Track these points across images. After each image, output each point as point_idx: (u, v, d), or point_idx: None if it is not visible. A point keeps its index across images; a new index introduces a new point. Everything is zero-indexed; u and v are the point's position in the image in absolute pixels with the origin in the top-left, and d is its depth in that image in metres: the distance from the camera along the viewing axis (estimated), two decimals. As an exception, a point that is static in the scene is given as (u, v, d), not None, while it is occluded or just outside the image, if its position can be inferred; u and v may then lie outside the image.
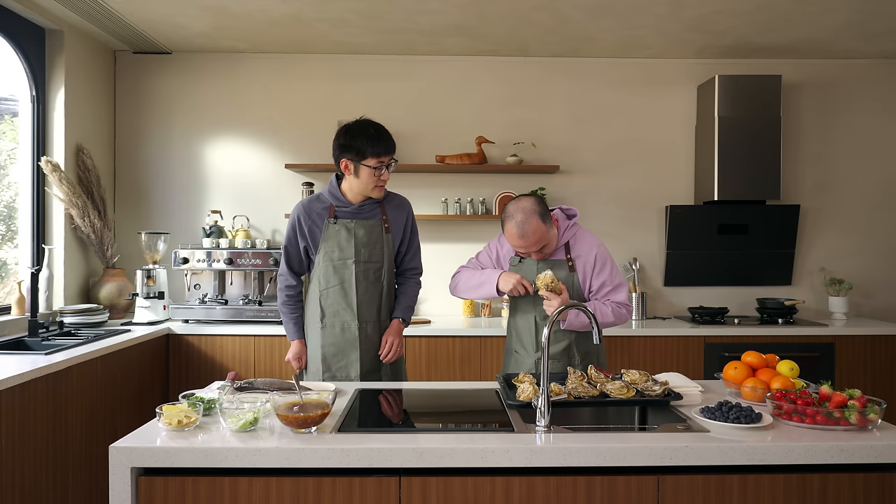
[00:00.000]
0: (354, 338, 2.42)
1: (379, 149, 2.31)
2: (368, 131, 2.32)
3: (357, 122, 2.37)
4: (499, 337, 3.62)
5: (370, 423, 1.89)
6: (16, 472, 2.37)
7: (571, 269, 2.37)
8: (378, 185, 2.37)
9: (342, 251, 2.41)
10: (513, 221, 2.27)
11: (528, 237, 2.26)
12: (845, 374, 3.69)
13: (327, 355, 2.43)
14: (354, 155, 2.32)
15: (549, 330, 1.75)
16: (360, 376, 2.43)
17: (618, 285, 2.37)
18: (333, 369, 2.42)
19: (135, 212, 4.19)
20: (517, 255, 2.45)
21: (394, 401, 2.12)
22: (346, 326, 2.42)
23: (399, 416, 2.06)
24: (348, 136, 2.34)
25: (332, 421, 1.74)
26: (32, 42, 3.54)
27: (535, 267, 2.40)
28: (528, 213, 2.26)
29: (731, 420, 1.69)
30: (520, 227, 2.26)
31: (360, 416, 1.87)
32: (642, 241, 4.28)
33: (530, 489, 1.57)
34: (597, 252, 2.37)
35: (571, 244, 2.40)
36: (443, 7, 3.39)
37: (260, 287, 3.88)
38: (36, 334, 3.05)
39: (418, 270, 2.61)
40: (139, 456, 1.54)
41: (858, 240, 4.31)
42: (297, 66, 4.21)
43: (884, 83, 4.30)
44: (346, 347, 2.43)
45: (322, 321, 2.43)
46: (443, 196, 4.18)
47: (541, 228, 2.27)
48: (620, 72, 4.26)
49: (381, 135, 2.34)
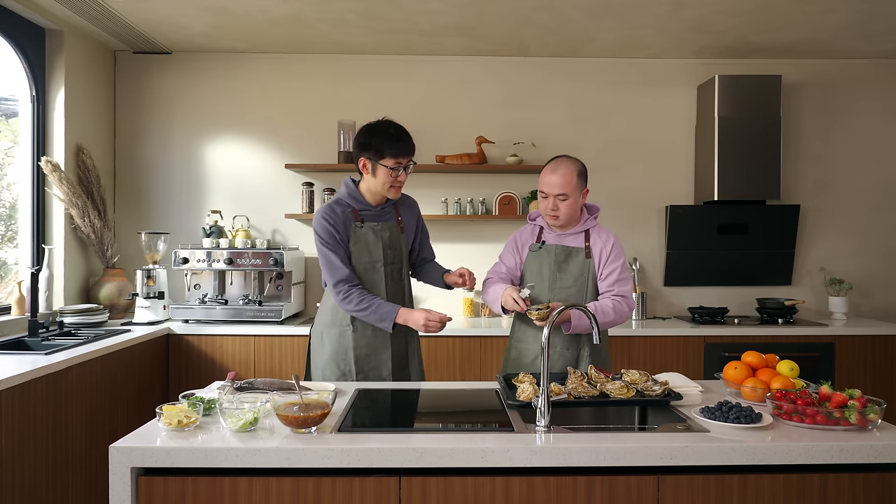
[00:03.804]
0: (386, 337, 2.41)
1: (397, 149, 2.30)
2: (388, 131, 2.32)
3: (378, 122, 2.37)
4: (499, 337, 3.62)
5: (370, 423, 1.89)
6: (16, 472, 2.37)
7: (588, 255, 2.41)
8: (395, 185, 2.35)
9: (371, 254, 2.39)
10: (553, 160, 2.40)
11: (557, 173, 2.34)
12: (845, 374, 3.69)
13: (360, 357, 2.40)
14: (373, 154, 2.30)
15: (549, 330, 1.75)
16: (392, 374, 2.43)
17: (625, 279, 2.40)
18: (366, 370, 2.40)
19: (135, 212, 4.19)
20: (538, 241, 2.48)
21: (394, 401, 2.12)
22: (377, 328, 2.40)
23: (399, 416, 2.06)
24: (368, 135, 2.33)
25: (332, 421, 1.74)
26: (32, 42, 3.54)
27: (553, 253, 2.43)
28: (570, 160, 2.39)
29: (731, 420, 1.69)
30: (556, 163, 2.38)
31: (360, 416, 1.87)
32: (642, 241, 4.29)
33: (530, 489, 1.57)
34: (613, 243, 2.43)
35: (590, 233, 2.45)
36: (443, 7, 3.39)
37: (260, 287, 3.88)
38: (36, 334, 3.05)
39: (433, 256, 2.69)
40: (139, 456, 1.54)
41: (858, 240, 4.31)
42: (297, 66, 4.21)
43: (884, 83, 4.30)
44: (379, 348, 2.41)
45: (353, 324, 2.40)
46: (443, 196, 4.18)
47: (572, 177, 2.34)
48: (620, 72, 4.26)
49: (401, 136, 2.33)
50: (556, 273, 2.42)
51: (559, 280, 2.41)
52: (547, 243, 2.47)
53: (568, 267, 2.41)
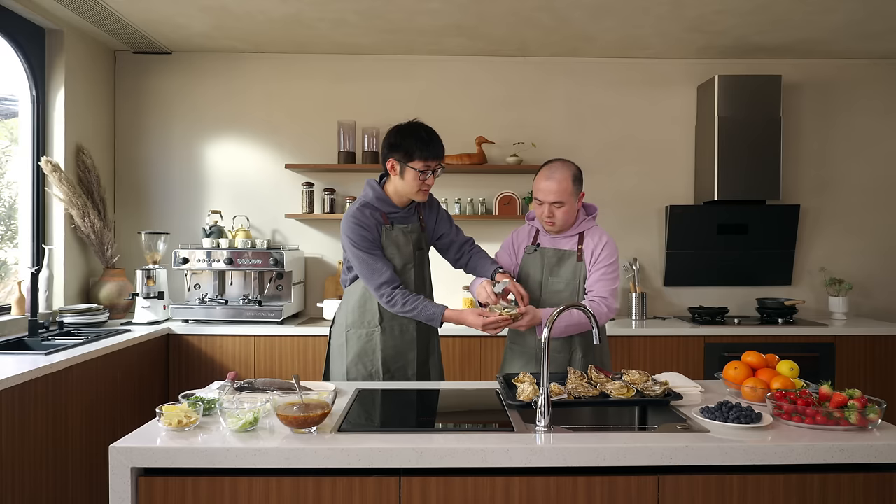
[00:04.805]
0: (412, 338, 2.41)
1: (427, 152, 2.27)
2: (420, 133, 2.29)
3: (409, 123, 2.34)
4: (499, 337, 3.62)
5: (370, 423, 1.89)
6: (16, 472, 2.37)
7: (580, 258, 2.38)
8: (423, 188, 2.32)
9: (402, 256, 2.37)
10: (548, 165, 2.38)
11: (553, 180, 2.31)
12: (845, 374, 3.69)
13: (387, 358, 2.38)
14: (402, 155, 2.27)
15: (549, 329, 1.75)
16: (416, 373, 2.42)
17: (608, 279, 2.34)
18: (392, 370, 2.39)
19: (135, 212, 4.19)
20: (533, 243, 2.47)
21: (394, 401, 2.12)
22: (404, 329, 2.39)
23: (399, 416, 2.06)
24: (399, 136, 2.30)
25: (332, 421, 1.74)
26: (32, 42, 3.54)
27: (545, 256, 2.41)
28: (565, 164, 2.36)
29: (731, 420, 1.69)
30: (551, 168, 2.35)
31: (360, 416, 1.87)
32: (642, 241, 4.28)
33: (530, 489, 1.57)
34: (605, 244, 2.37)
35: (585, 235, 2.41)
36: (443, 7, 3.39)
37: (260, 287, 3.88)
38: (36, 334, 3.05)
39: (468, 238, 2.59)
40: (139, 456, 1.54)
41: (858, 240, 4.31)
42: (297, 66, 4.21)
43: (884, 83, 4.30)
44: (405, 348, 2.41)
45: (381, 325, 2.38)
46: (443, 196, 4.17)
47: (568, 183, 2.31)
48: (620, 72, 4.26)
49: (432, 139, 2.31)
50: (548, 277, 2.41)
51: (551, 284, 2.40)
52: (542, 246, 2.46)
53: (560, 270, 2.40)
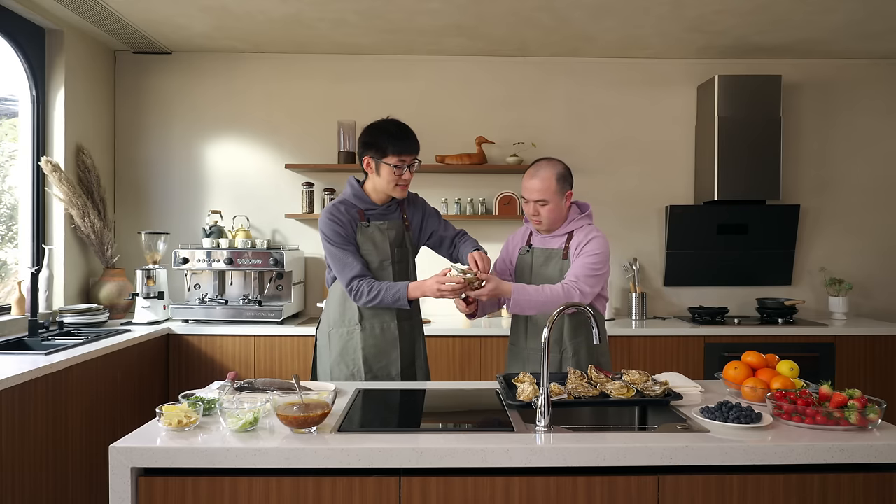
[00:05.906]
0: (394, 337, 2.40)
1: (400, 147, 2.29)
2: (390, 129, 2.31)
3: (381, 120, 2.37)
4: (499, 337, 3.62)
5: (370, 423, 1.89)
6: (16, 472, 2.37)
7: (565, 256, 2.37)
8: (399, 184, 2.33)
9: (379, 253, 2.38)
10: (535, 163, 2.38)
11: (536, 178, 2.31)
12: (845, 374, 3.69)
13: (368, 357, 2.38)
14: (375, 152, 2.30)
15: (549, 329, 1.75)
16: (400, 374, 2.41)
17: (585, 265, 2.26)
18: (375, 370, 2.39)
19: (135, 212, 4.19)
20: (527, 244, 2.48)
21: (394, 401, 2.12)
22: (385, 327, 2.39)
23: (399, 416, 2.06)
24: (371, 134, 2.32)
25: (332, 421, 1.74)
26: (32, 42, 3.54)
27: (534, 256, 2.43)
28: (551, 163, 2.35)
29: (731, 420, 1.69)
30: (536, 167, 2.35)
31: (360, 416, 1.87)
32: (642, 241, 4.28)
33: (530, 489, 1.57)
34: (591, 239, 2.31)
35: (574, 233, 2.38)
36: (443, 7, 3.39)
37: (260, 287, 3.88)
38: (36, 334, 3.05)
39: (460, 230, 2.57)
40: (139, 456, 1.54)
41: (858, 240, 4.31)
42: (297, 66, 4.21)
43: (884, 83, 4.30)
44: (387, 347, 2.39)
45: (361, 323, 2.38)
46: (443, 196, 4.17)
47: (551, 182, 2.30)
48: (620, 72, 4.26)
49: (404, 133, 2.32)
50: (536, 276, 2.40)
51: (538, 283, 2.38)
52: (533, 246, 2.46)
53: (546, 271, 2.39)
